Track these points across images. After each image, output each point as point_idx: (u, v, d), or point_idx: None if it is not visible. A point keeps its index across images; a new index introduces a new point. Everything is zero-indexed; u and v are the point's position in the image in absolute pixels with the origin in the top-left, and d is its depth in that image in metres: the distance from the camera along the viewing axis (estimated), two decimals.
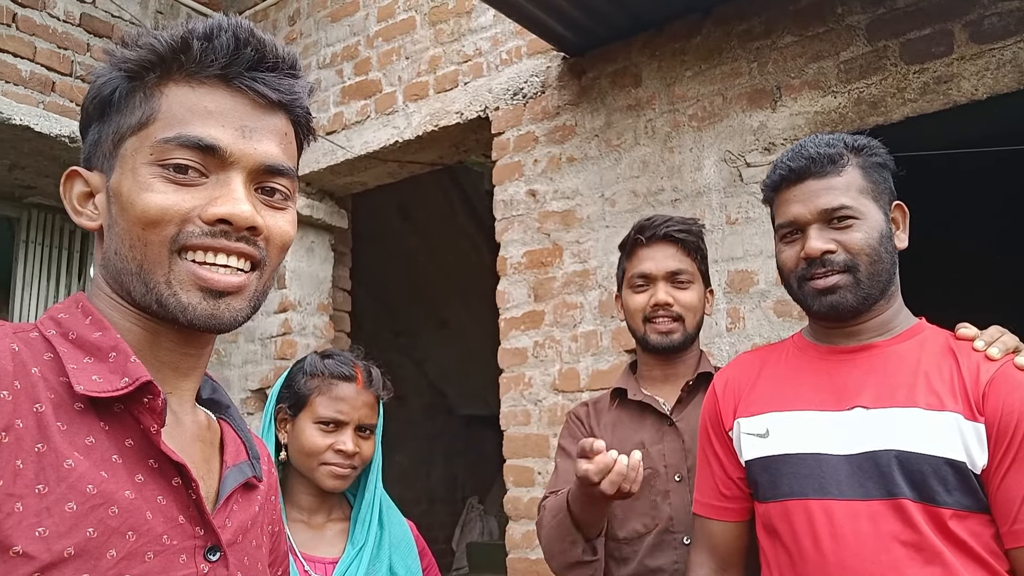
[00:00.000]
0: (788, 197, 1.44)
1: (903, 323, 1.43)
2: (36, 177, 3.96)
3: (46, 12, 4.00)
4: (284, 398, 1.65)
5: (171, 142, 0.80)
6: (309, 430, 1.59)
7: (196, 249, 0.80)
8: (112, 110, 0.83)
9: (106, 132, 0.84)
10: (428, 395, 7.82)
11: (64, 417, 0.72)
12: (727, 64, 3.02)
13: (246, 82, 0.83)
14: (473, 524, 7.56)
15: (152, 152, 0.80)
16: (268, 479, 0.95)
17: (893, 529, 1.26)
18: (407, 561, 1.62)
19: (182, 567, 0.76)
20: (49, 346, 0.76)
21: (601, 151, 3.29)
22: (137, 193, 0.79)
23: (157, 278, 0.80)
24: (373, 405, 1.65)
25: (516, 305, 3.44)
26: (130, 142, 0.82)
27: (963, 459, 1.24)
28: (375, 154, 4.05)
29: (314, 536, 1.59)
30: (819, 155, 1.40)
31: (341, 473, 1.58)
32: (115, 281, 0.83)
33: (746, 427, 1.47)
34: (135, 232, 0.80)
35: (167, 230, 0.79)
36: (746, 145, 2.94)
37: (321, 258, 4.54)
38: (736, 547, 1.53)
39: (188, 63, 0.81)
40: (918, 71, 2.63)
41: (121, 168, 0.82)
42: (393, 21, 4.08)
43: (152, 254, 0.80)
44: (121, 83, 0.83)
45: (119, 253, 0.81)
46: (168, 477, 0.77)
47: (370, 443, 1.64)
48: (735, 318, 2.88)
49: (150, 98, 0.82)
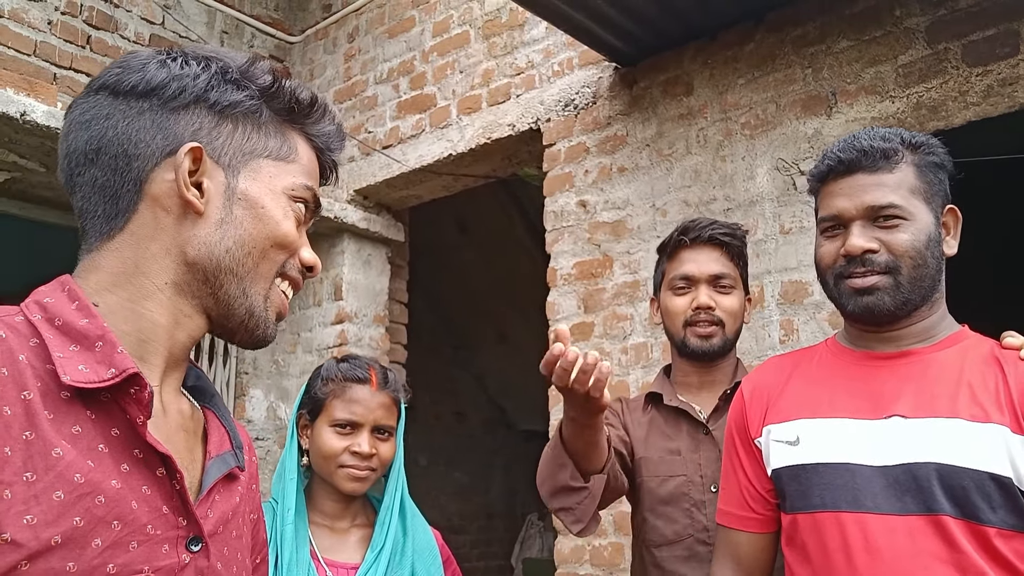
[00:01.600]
0: (834, 189, 1.36)
1: (945, 330, 1.35)
2: None
3: (118, 34, 4.17)
4: (304, 404, 1.66)
5: (309, 191, 0.92)
6: (326, 433, 1.60)
7: (287, 279, 0.91)
8: (248, 123, 0.88)
9: (235, 135, 0.87)
10: (487, 410, 7.82)
11: (51, 405, 0.73)
12: (780, 71, 2.96)
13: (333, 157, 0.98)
14: (532, 540, 7.50)
15: (294, 189, 0.90)
16: (249, 467, 0.96)
17: (932, 547, 1.18)
18: (430, 569, 1.60)
19: (164, 556, 0.76)
20: (34, 331, 0.77)
21: (652, 161, 3.25)
22: (281, 216, 0.88)
23: (258, 290, 0.88)
24: (390, 407, 1.65)
25: (566, 316, 3.41)
26: (269, 164, 0.89)
27: (1009, 474, 1.16)
28: (429, 167, 4.08)
29: (337, 541, 1.59)
30: (872, 148, 1.32)
31: (359, 475, 1.58)
32: (201, 271, 0.84)
33: (775, 434, 1.40)
34: (261, 244, 0.87)
35: (282, 256, 0.89)
36: (800, 153, 2.86)
37: (378, 270, 4.59)
38: (761, 559, 1.46)
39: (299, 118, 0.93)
40: (981, 73, 2.52)
41: (255, 180, 0.87)
42: (447, 36, 4.12)
43: (265, 269, 0.88)
44: (258, 107, 0.89)
45: (230, 252, 0.85)
46: (153, 467, 0.78)
47: (389, 445, 1.63)
48: (788, 330, 2.79)
49: (284, 136, 0.91)
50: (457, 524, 7.01)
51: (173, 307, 0.84)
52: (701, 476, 1.73)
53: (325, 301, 4.41)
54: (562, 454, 1.55)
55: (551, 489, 1.59)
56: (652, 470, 1.79)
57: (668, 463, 1.78)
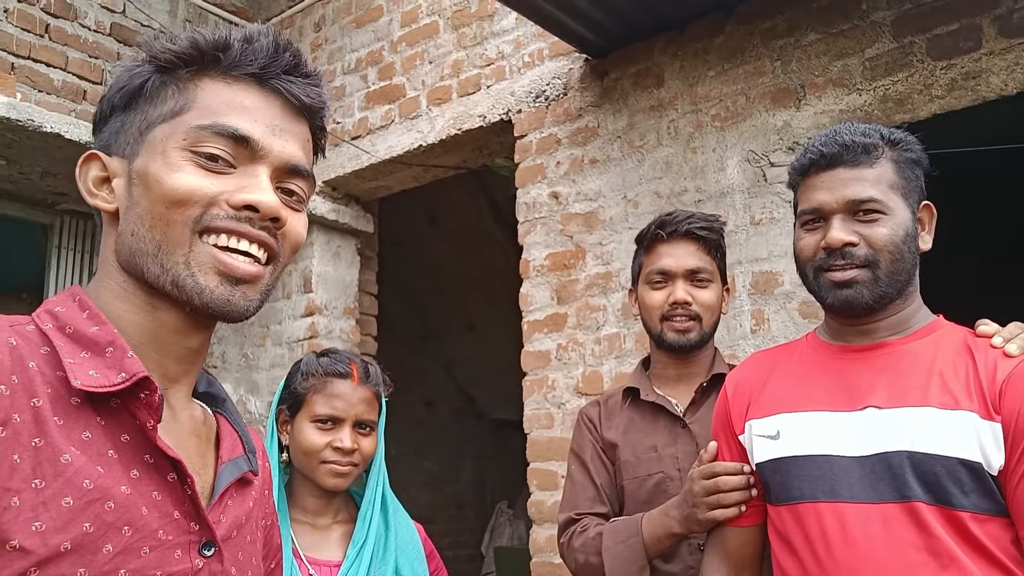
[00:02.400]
0: (815, 183, 1.38)
1: (920, 321, 1.38)
2: (68, 184, 4.03)
3: (77, 22, 4.08)
4: (284, 399, 1.65)
5: (206, 129, 0.82)
6: (307, 429, 1.58)
7: (219, 232, 0.82)
8: (141, 100, 0.86)
9: (132, 120, 0.86)
10: (457, 400, 7.83)
11: (61, 412, 0.73)
12: (750, 63, 2.99)
13: (283, 83, 0.87)
14: (503, 529, 7.55)
15: (185, 138, 0.82)
16: (263, 472, 0.96)
17: (907, 533, 1.21)
18: (413, 564, 1.60)
19: (177, 562, 0.76)
20: (46, 340, 0.77)
21: (623, 152, 3.28)
22: (166, 173, 0.81)
23: (176, 258, 0.81)
24: (371, 401, 1.64)
25: (539, 308, 3.43)
26: (160, 129, 0.84)
27: (979, 460, 1.20)
28: (399, 158, 4.07)
29: (319, 539, 1.58)
30: (853, 143, 1.35)
31: (341, 471, 1.57)
32: (129, 263, 0.83)
33: (757, 429, 1.43)
34: (158, 211, 0.81)
35: (192, 211, 0.81)
36: (770, 145, 2.90)
37: (347, 262, 4.57)
38: (750, 552, 1.50)
39: (226, 61, 0.85)
40: (945, 67, 2.58)
41: (149, 153, 0.83)
42: (416, 26, 4.10)
43: (173, 234, 0.81)
44: (152, 75, 0.86)
45: (136, 234, 0.82)
46: (163, 472, 0.78)
47: (370, 440, 1.63)
48: (760, 320, 2.84)
49: (183, 90, 0.85)
50: (428, 514, 7.01)
51: (139, 304, 0.84)
52: (679, 470, 1.76)
53: (295, 293, 4.38)
54: (643, 558, 1.63)
55: None
56: (631, 472, 1.82)
57: (646, 462, 1.80)
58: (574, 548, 1.76)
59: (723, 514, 1.46)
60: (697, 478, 1.49)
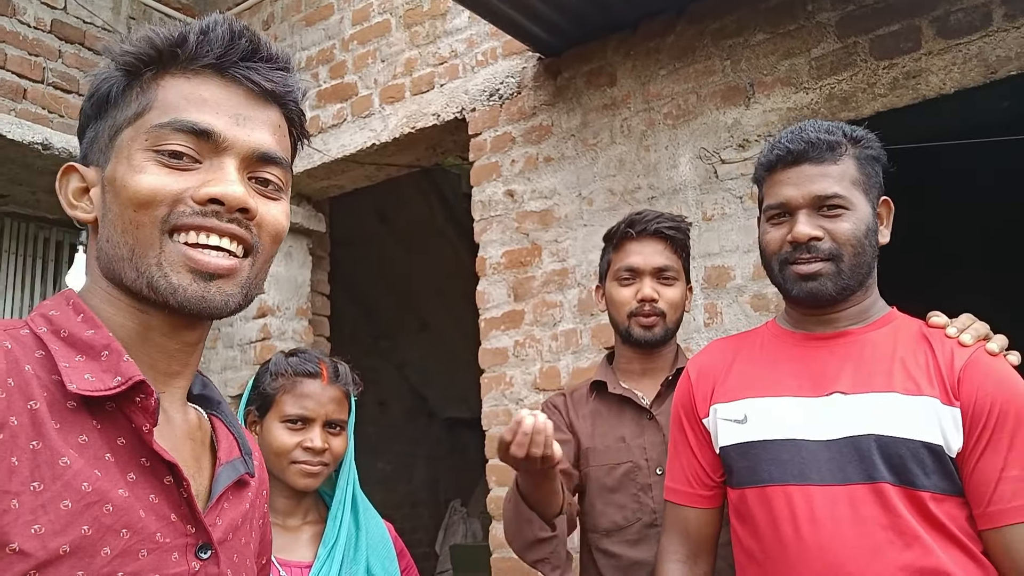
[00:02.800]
0: (781, 179, 1.43)
1: (878, 312, 1.45)
2: (9, 185, 3.92)
3: (16, 19, 3.96)
4: (252, 399, 1.64)
5: (166, 127, 0.81)
6: (277, 429, 1.58)
7: (187, 230, 0.80)
8: (109, 106, 0.85)
9: (103, 128, 0.85)
10: (409, 399, 7.81)
11: (58, 415, 0.73)
12: (700, 62, 3.06)
13: (241, 71, 0.85)
14: (456, 527, 7.55)
15: (147, 138, 0.81)
16: (260, 474, 0.96)
17: (872, 513, 1.27)
18: (385, 563, 1.60)
19: (174, 565, 0.77)
20: (40, 343, 0.77)
21: (578, 150, 3.32)
22: (131, 176, 0.80)
23: (148, 260, 0.80)
24: (341, 401, 1.64)
25: (496, 305, 3.45)
26: (126, 132, 0.83)
27: (940, 443, 1.27)
28: (352, 157, 4.04)
29: (290, 540, 1.57)
30: (818, 140, 1.39)
31: (311, 471, 1.56)
32: (109, 270, 0.83)
33: (723, 413, 1.47)
34: (127, 215, 0.80)
35: (158, 211, 0.80)
36: (721, 142, 2.97)
37: (299, 262, 4.53)
38: (708, 533, 1.54)
39: (184, 55, 0.83)
40: (887, 66, 2.68)
41: (116, 157, 0.83)
42: (368, 24, 4.08)
43: (143, 236, 0.80)
44: (118, 80, 0.85)
45: (111, 240, 0.82)
46: (160, 476, 0.78)
47: (341, 439, 1.62)
48: (712, 313, 2.91)
49: (146, 91, 0.84)
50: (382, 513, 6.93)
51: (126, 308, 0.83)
52: (647, 460, 1.80)
53: None
54: (525, 509, 1.61)
55: (523, 544, 1.65)
56: (599, 459, 1.85)
57: (615, 451, 1.84)
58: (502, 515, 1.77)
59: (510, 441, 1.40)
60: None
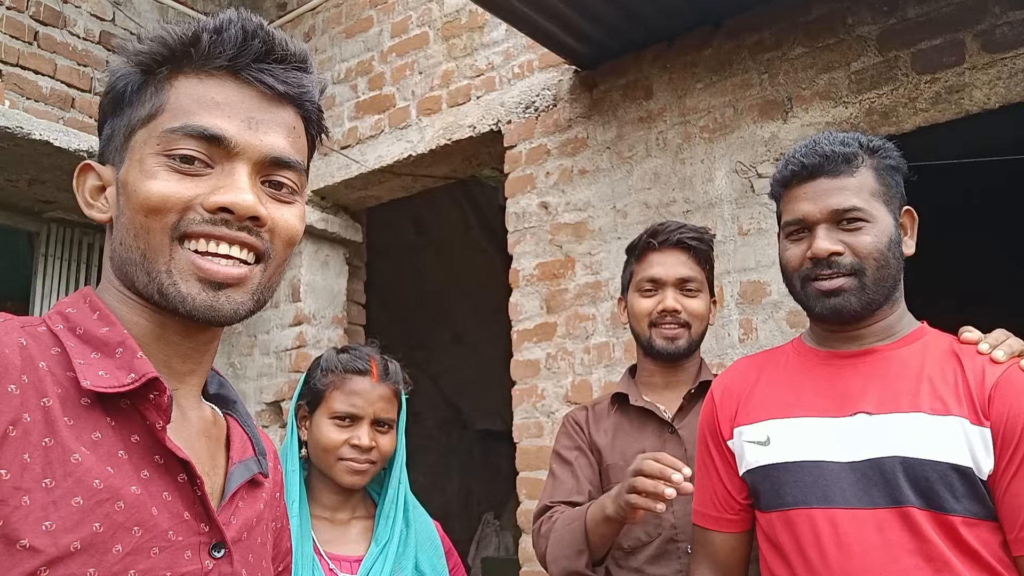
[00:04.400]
0: (798, 194, 1.40)
1: (906, 328, 1.40)
2: (55, 192, 4.01)
3: (66, 30, 4.07)
4: (303, 395, 1.65)
5: (177, 132, 0.80)
6: (325, 425, 1.58)
7: (197, 237, 0.80)
8: (125, 104, 0.85)
9: (119, 126, 0.85)
10: (443, 410, 7.81)
11: (71, 412, 0.73)
12: (738, 76, 3.03)
13: (253, 73, 0.83)
14: (489, 539, 7.52)
15: (159, 142, 0.81)
16: (274, 475, 0.96)
17: (900, 538, 1.22)
18: (433, 560, 1.60)
19: (187, 563, 0.77)
20: (56, 341, 0.77)
21: (612, 163, 3.30)
22: (141, 181, 0.80)
23: (159, 267, 0.80)
24: (390, 399, 1.63)
25: (528, 317, 3.44)
26: (139, 134, 0.83)
27: (969, 464, 1.22)
28: (389, 168, 4.08)
29: (338, 534, 1.58)
30: (833, 153, 1.36)
31: (358, 468, 1.56)
32: (121, 272, 0.84)
33: (747, 435, 1.44)
34: (138, 220, 0.80)
35: (168, 217, 0.79)
36: (757, 156, 2.94)
37: (336, 272, 4.56)
38: (737, 557, 1.50)
39: (197, 56, 0.82)
40: (929, 81, 2.62)
41: (130, 159, 0.83)
42: (406, 36, 4.12)
43: (154, 242, 0.80)
44: (133, 78, 0.84)
45: (124, 243, 0.82)
46: (173, 473, 0.78)
47: (389, 438, 1.62)
48: (747, 329, 2.86)
49: (160, 91, 0.83)
50: None
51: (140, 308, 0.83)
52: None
53: (283, 303, 4.37)
54: (583, 542, 1.63)
55: (565, 571, 1.66)
56: (619, 476, 1.81)
57: None
58: (540, 534, 1.76)
59: (640, 501, 1.45)
60: (640, 461, 1.49)
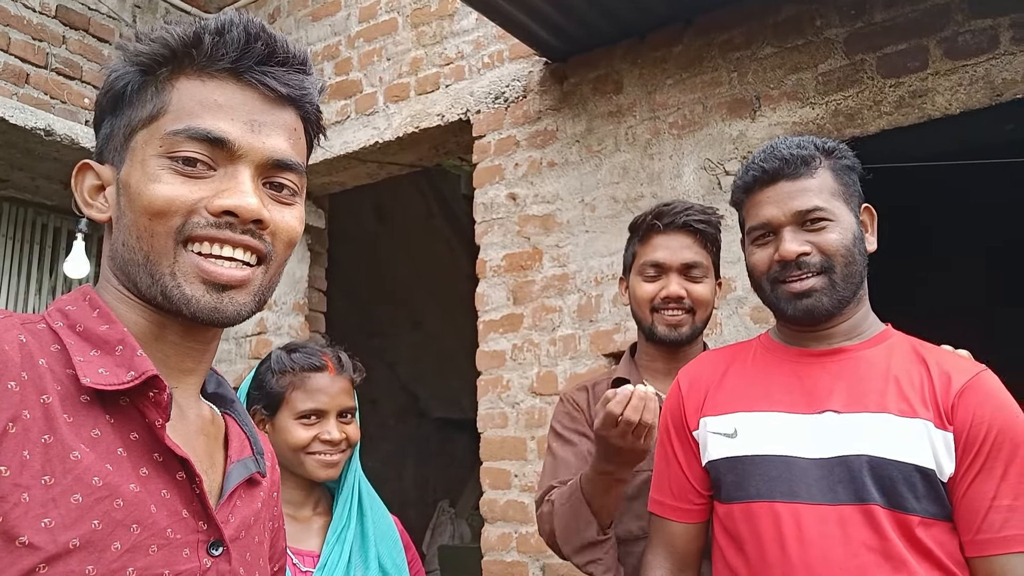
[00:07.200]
0: (761, 199, 1.42)
1: (871, 328, 1.43)
2: (9, 170, 3.90)
3: (21, 3, 3.94)
4: (256, 399, 1.63)
5: (180, 134, 0.80)
6: (292, 426, 1.58)
7: (201, 240, 0.80)
8: (124, 104, 0.84)
9: (118, 126, 0.84)
10: (401, 398, 7.79)
11: (70, 409, 0.73)
12: (707, 73, 3.06)
13: (256, 76, 0.83)
14: (444, 527, 7.54)
15: (161, 144, 0.80)
16: (271, 475, 0.96)
17: (861, 535, 1.25)
18: (393, 555, 1.61)
19: (185, 561, 0.76)
20: (56, 338, 0.77)
21: (582, 156, 3.32)
22: (145, 184, 0.80)
23: (162, 269, 0.80)
24: (349, 390, 1.66)
25: (495, 308, 3.45)
26: (141, 135, 0.82)
27: (932, 466, 1.25)
28: (354, 154, 4.04)
29: (301, 529, 1.58)
30: (792, 156, 1.39)
31: (331, 460, 1.58)
32: (122, 273, 0.83)
33: (713, 426, 1.45)
34: (142, 223, 0.80)
35: (173, 221, 0.79)
36: (725, 154, 2.98)
37: (298, 257, 4.52)
38: (694, 548, 1.51)
39: (200, 57, 0.82)
40: (894, 85, 2.69)
41: (131, 160, 0.82)
42: (375, 22, 4.08)
43: (158, 245, 0.80)
44: (133, 77, 0.84)
45: (127, 244, 0.82)
46: (172, 471, 0.78)
47: (353, 426, 1.64)
48: (712, 325, 2.90)
49: (161, 92, 0.82)
50: None
51: (139, 308, 0.83)
52: None
53: None
54: (587, 512, 1.60)
55: (578, 546, 1.63)
56: None
57: None
58: (542, 519, 1.73)
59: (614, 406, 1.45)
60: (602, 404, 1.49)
